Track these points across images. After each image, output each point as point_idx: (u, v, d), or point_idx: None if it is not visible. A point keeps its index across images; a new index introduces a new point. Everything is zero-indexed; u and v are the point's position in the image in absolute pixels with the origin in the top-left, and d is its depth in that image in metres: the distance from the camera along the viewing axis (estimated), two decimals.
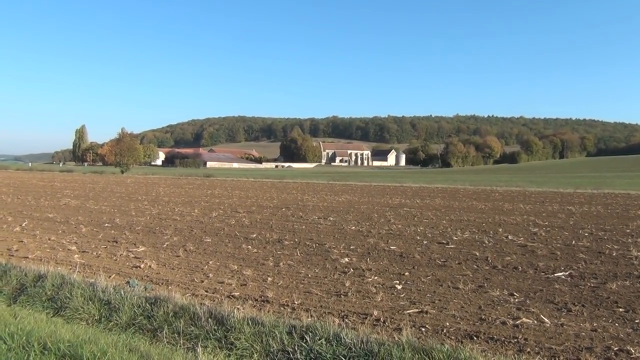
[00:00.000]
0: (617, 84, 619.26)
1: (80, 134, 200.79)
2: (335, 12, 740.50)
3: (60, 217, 18.73)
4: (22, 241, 13.23)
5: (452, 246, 12.70)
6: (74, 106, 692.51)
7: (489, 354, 5.43)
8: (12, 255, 11.29)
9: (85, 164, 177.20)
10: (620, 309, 7.31)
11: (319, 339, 5.59)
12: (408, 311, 7.22)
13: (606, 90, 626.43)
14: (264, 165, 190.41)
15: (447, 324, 6.66)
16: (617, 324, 6.67)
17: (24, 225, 16.25)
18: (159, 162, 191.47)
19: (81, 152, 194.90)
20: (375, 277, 9.34)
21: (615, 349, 5.76)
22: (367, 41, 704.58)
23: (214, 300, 7.65)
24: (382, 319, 6.86)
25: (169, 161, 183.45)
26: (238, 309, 6.79)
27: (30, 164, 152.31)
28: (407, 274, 9.63)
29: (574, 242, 13.31)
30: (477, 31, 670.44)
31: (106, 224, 16.74)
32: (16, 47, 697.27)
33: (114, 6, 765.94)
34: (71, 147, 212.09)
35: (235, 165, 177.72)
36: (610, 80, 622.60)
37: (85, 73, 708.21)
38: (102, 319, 6.81)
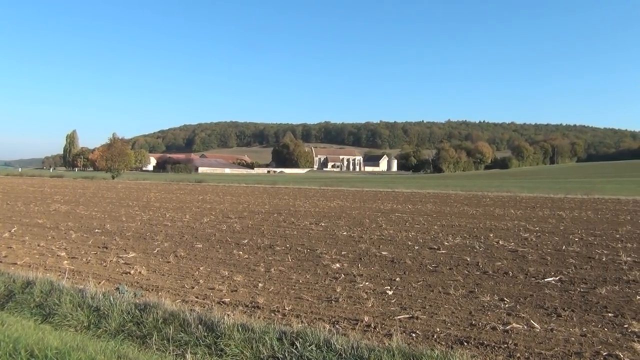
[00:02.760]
0: (607, 90, 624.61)
1: (71, 139, 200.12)
2: (327, 18, 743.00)
3: (49, 222, 18.59)
4: (10, 247, 13.11)
5: (443, 251, 12.72)
6: (65, 111, 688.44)
7: (479, 359, 5.44)
8: (1, 262, 11.19)
9: (76, 169, 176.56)
10: (610, 314, 7.34)
11: (310, 345, 5.58)
12: (399, 317, 7.22)
13: (596, 96, 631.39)
14: (256, 170, 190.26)
15: (438, 329, 6.66)
16: (606, 329, 6.70)
17: (13, 231, 16.12)
18: (150, 167, 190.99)
19: (72, 158, 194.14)
20: (367, 283, 9.33)
21: (605, 353, 5.78)
22: (359, 47, 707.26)
23: (204, 307, 7.62)
24: (372, 325, 6.86)
25: (160, 166, 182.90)
26: (228, 315, 6.78)
27: (20, 169, 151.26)
28: (398, 279, 9.64)
29: (564, 247, 13.37)
30: (469, 38, 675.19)
31: (96, 230, 16.63)
32: (6, 52, 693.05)
33: (105, 12, 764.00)
34: (62, 153, 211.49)
35: (227, 170, 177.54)
36: (600, 87, 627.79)
37: (76, 78, 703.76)
38: (91, 325, 6.76)
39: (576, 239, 14.82)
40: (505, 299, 8.16)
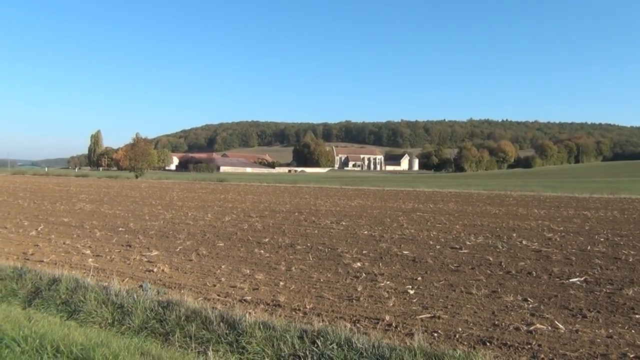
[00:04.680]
0: (633, 88, 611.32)
1: (96, 139, 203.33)
2: (349, 18, 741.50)
3: (75, 221, 18.92)
4: (37, 245, 13.38)
5: (465, 251, 12.61)
6: (90, 112, 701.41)
7: None
8: (28, 259, 11.43)
9: (100, 168, 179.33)
10: (637, 315, 7.19)
11: (331, 344, 5.57)
12: (420, 316, 7.17)
13: (622, 93, 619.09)
14: (277, 170, 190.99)
15: (460, 329, 6.60)
16: (633, 331, 6.56)
17: (39, 229, 16.44)
18: (172, 167, 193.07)
19: (96, 157, 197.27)
20: (388, 282, 9.30)
21: (632, 356, 5.66)
22: (379, 46, 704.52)
23: (225, 305, 7.66)
24: (394, 324, 6.83)
25: (182, 166, 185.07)
26: (250, 313, 6.80)
27: (46, 169, 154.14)
28: (419, 278, 9.58)
29: (589, 247, 13.14)
30: (491, 36, 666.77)
31: (120, 228, 16.87)
32: (33, 54, 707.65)
33: (129, 14, 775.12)
34: (87, 152, 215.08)
35: (249, 170, 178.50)
36: (626, 84, 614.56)
37: (101, 80, 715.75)
38: (115, 322, 6.86)
39: (602, 239, 14.55)
40: (528, 299, 8.05)
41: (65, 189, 42.71)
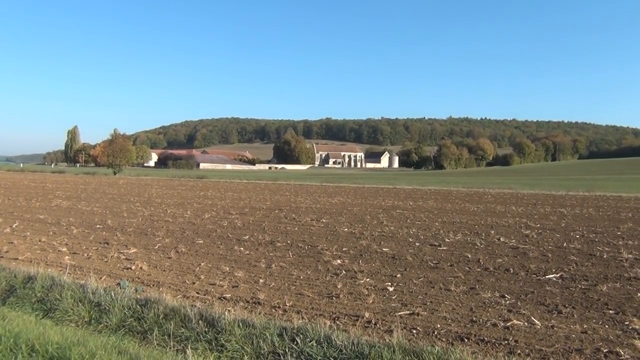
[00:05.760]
0: (609, 87, 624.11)
1: (73, 134, 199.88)
2: (328, 15, 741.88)
3: (51, 218, 18.61)
4: (12, 242, 13.13)
5: (444, 248, 12.72)
6: (67, 107, 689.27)
7: (479, 356, 5.44)
8: (2, 257, 11.21)
9: (78, 165, 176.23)
10: (611, 311, 7.34)
11: (310, 341, 5.58)
12: (399, 313, 7.22)
13: (598, 93, 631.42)
14: (257, 166, 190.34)
15: (438, 325, 6.66)
16: (607, 326, 6.70)
17: (14, 226, 16.13)
18: (151, 163, 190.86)
19: (73, 153, 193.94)
20: (367, 279, 9.33)
21: (605, 350, 5.78)
22: (360, 43, 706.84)
23: (205, 302, 7.62)
24: (373, 321, 6.86)
25: (161, 162, 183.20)
26: (229, 310, 6.77)
27: (22, 164, 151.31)
28: (399, 275, 9.64)
29: (565, 244, 13.36)
30: (470, 34, 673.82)
31: (97, 226, 16.64)
32: (8, 47, 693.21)
33: (107, 7, 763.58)
34: (63, 148, 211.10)
35: (229, 166, 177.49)
36: (602, 84, 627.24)
37: (78, 74, 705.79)
38: (92, 320, 6.77)
39: (577, 236, 14.81)
40: (506, 295, 8.16)
41: (41, 186, 41.97)
